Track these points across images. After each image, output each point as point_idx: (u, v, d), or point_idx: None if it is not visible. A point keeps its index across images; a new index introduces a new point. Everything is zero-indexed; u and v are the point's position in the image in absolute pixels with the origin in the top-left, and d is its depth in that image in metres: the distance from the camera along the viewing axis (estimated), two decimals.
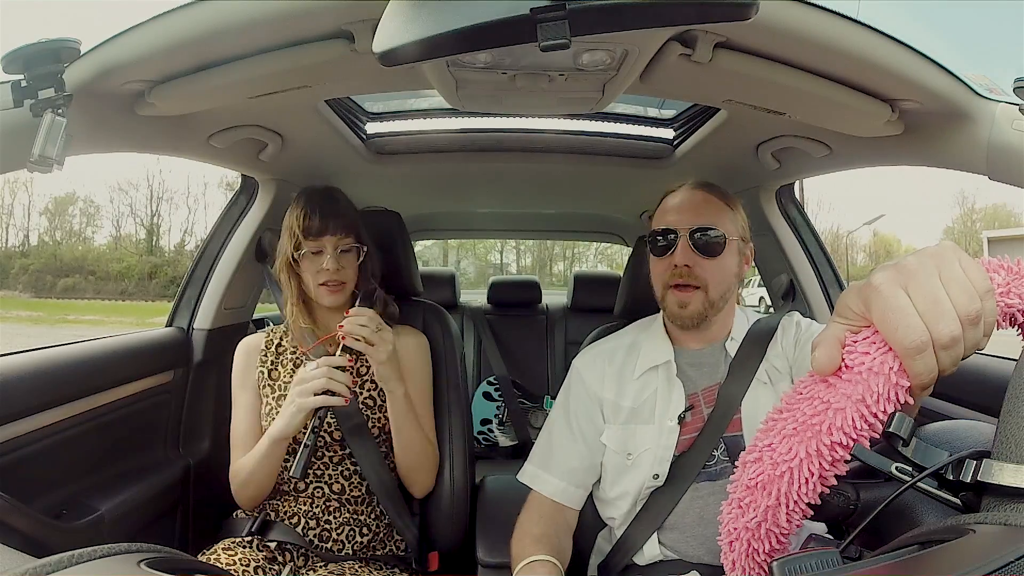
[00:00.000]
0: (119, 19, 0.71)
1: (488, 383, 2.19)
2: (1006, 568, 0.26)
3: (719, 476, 0.88)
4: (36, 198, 23.32)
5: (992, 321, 0.35)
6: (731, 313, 0.98)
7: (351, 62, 0.77)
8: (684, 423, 0.90)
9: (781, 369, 0.91)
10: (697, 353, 0.95)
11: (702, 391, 0.92)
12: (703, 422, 0.90)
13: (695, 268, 0.89)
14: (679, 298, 0.90)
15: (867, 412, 0.35)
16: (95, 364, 1.13)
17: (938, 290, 0.34)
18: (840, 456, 0.37)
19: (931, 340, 0.34)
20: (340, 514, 1.05)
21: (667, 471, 0.89)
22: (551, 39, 0.46)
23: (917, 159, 0.97)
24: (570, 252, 25.90)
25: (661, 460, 0.89)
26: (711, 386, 0.92)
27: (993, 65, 44.75)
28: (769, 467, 0.39)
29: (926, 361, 0.34)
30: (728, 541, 0.43)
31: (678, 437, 0.90)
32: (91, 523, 1.01)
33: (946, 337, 0.33)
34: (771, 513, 0.39)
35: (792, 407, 0.39)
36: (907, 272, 0.35)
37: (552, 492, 0.95)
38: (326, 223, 1.04)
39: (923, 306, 0.34)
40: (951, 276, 0.34)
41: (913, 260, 0.35)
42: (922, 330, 0.34)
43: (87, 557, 0.37)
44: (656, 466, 0.89)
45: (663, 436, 0.90)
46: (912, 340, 0.34)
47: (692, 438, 0.90)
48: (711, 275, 0.90)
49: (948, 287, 0.34)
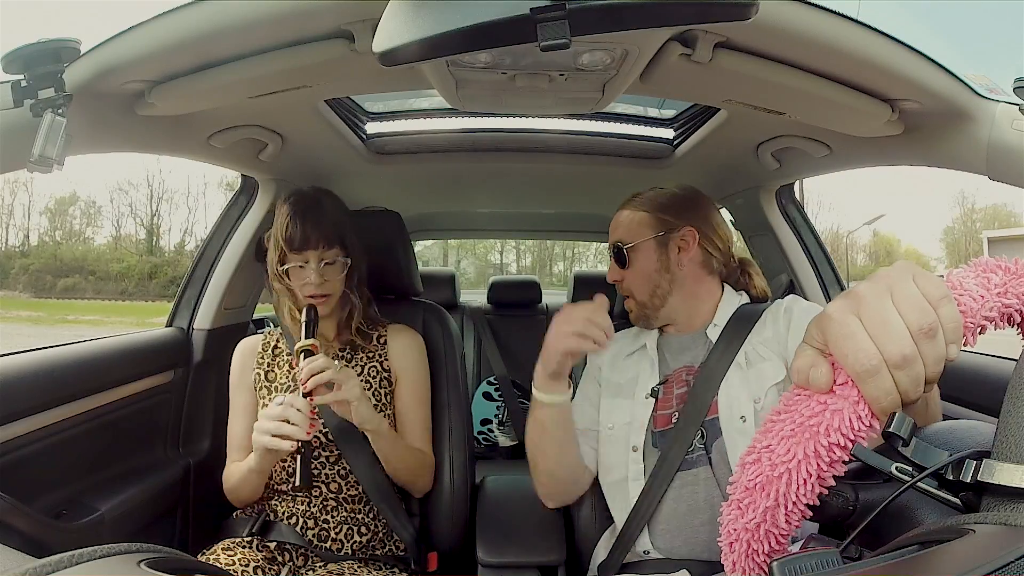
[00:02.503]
0: (119, 19, 0.71)
1: (488, 383, 2.19)
2: (1006, 568, 0.26)
3: (695, 464, 0.90)
4: (36, 198, 23.36)
5: (954, 328, 0.34)
6: (703, 298, 1.01)
7: (351, 62, 0.77)
8: (658, 399, 0.96)
9: (764, 354, 0.92)
10: (679, 339, 1.02)
11: (677, 370, 0.98)
12: (679, 402, 0.94)
13: (622, 280, 1.02)
14: (627, 306, 1.04)
15: (864, 413, 0.35)
16: (95, 364, 1.13)
17: (887, 311, 0.34)
18: (838, 457, 0.37)
19: (883, 362, 0.34)
20: (338, 513, 1.05)
21: (643, 443, 0.94)
22: (551, 39, 0.46)
23: (917, 159, 0.97)
24: (570, 252, 25.89)
25: (636, 430, 0.95)
26: (684, 366, 0.98)
27: (993, 65, 44.76)
28: (767, 468, 0.39)
29: (880, 384, 0.34)
30: (728, 542, 0.43)
31: (652, 412, 0.96)
32: (91, 523, 1.01)
33: (896, 356, 0.33)
34: (770, 514, 0.39)
35: (790, 408, 0.39)
36: (858, 298, 0.35)
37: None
38: (308, 236, 1.01)
39: (873, 329, 0.34)
40: (902, 295, 0.35)
41: (864, 285, 0.36)
42: (872, 353, 0.34)
43: (87, 557, 0.37)
44: (633, 437, 0.95)
45: (638, 409, 0.97)
46: (862, 364, 0.34)
47: (668, 415, 0.95)
48: (631, 282, 1.01)
49: (899, 306, 0.34)
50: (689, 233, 0.99)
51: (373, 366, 1.11)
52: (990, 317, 0.36)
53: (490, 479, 1.25)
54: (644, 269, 0.99)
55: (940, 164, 0.91)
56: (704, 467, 0.90)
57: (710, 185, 1.61)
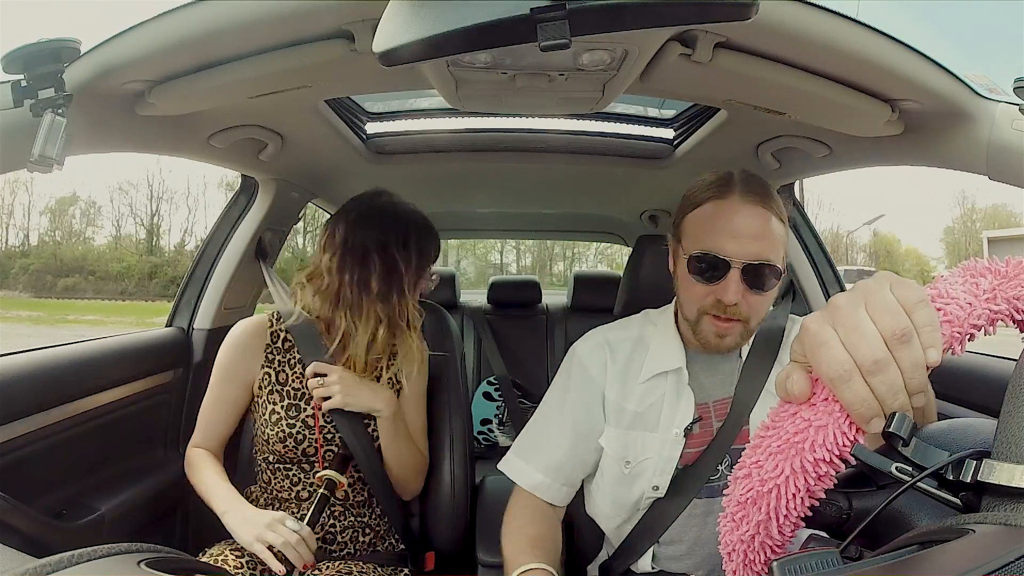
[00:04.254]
0: (119, 19, 0.71)
1: (488, 383, 2.19)
2: (1006, 568, 0.26)
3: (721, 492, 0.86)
4: (36, 198, 23.33)
5: (930, 331, 0.34)
6: None
7: (351, 62, 0.77)
8: (691, 435, 0.85)
9: None
10: (711, 359, 0.88)
11: (714, 403, 0.87)
12: (711, 436, 0.85)
13: (741, 303, 0.80)
14: (717, 328, 0.82)
15: (848, 428, 0.36)
16: (95, 364, 1.13)
17: (860, 319, 0.35)
18: (825, 472, 0.37)
19: (856, 368, 0.34)
20: (345, 517, 1.05)
21: (668, 483, 0.85)
22: (551, 39, 0.46)
23: (917, 159, 0.97)
24: (570, 252, 25.88)
25: (662, 472, 0.84)
26: (723, 399, 0.87)
27: (993, 65, 44.74)
28: (757, 483, 0.39)
29: (854, 389, 0.34)
30: (726, 552, 0.44)
31: (683, 449, 0.84)
32: (91, 523, 1.01)
33: (868, 361, 0.34)
34: (763, 527, 0.40)
35: (776, 425, 0.39)
36: (834, 308, 0.36)
37: (532, 485, 0.89)
38: None
39: (846, 337, 0.35)
40: (875, 302, 0.35)
41: (841, 297, 0.37)
42: (843, 359, 0.34)
43: (87, 557, 0.37)
44: (656, 478, 0.85)
45: (666, 447, 0.84)
46: (834, 370, 0.34)
47: (698, 452, 0.84)
48: (756, 309, 0.82)
49: (872, 314, 0.35)
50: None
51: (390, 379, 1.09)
52: (978, 325, 0.36)
53: (490, 479, 1.25)
54: (774, 294, 0.83)
55: (940, 164, 0.91)
56: None
57: None
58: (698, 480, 0.84)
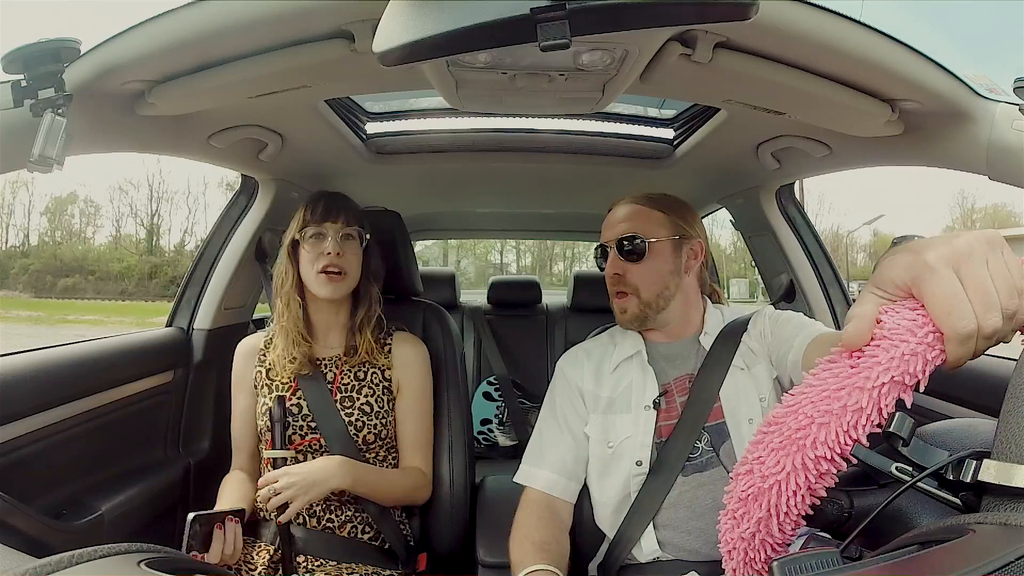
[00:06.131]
0: (119, 19, 0.71)
1: (488, 383, 2.19)
2: (1006, 568, 0.26)
3: (706, 467, 0.90)
4: (36, 198, 23.35)
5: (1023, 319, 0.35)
6: (695, 308, 1.02)
7: (351, 62, 0.77)
8: (660, 409, 0.94)
9: (756, 351, 0.94)
10: (667, 346, 1.00)
11: (674, 380, 0.97)
12: (678, 410, 0.94)
13: (625, 275, 0.97)
14: (618, 305, 0.99)
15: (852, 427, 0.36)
16: (95, 364, 1.13)
17: (987, 280, 0.34)
18: (826, 469, 0.37)
19: (978, 328, 0.34)
20: (342, 512, 1.05)
21: (649, 457, 0.92)
22: (551, 39, 0.46)
23: (917, 159, 0.97)
24: (570, 252, 25.90)
25: (641, 446, 0.93)
26: (682, 376, 0.97)
27: (993, 65, 44.73)
28: (759, 480, 0.39)
29: (969, 347, 0.34)
30: (726, 550, 0.43)
31: (656, 423, 0.93)
32: (91, 523, 1.01)
33: (990, 328, 0.34)
34: (763, 524, 0.40)
35: (779, 421, 0.39)
36: (960, 255, 0.34)
37: (544, 485, 0.96)
38: (329, 211, 1.06)
39: (974, 294, 0.34)
40: (997, 267, 0.34)
41: (964, 243, 0.35)
42: (972, 318, 0.34)
43: (87, 557, 0.37)
44: (638, 452, 0.92)
45: (640, 422, 0.94)
46: (965, 326, 0.34)
47: (672, 424, 0.93)
48: (640, 278, 0.97)
49: (995, 278, 0.34)
50: (698, 244, 1.01)
51: (375, 372, 1.10)
52: None
53: (490, 479, 1.25)
54: (658, 268, 0.97)
55: (940, 164, 0.91)
56: (717, 468, 0.90)
57: (710, 185, 1.61)
58: (678, 455, 0.90)
